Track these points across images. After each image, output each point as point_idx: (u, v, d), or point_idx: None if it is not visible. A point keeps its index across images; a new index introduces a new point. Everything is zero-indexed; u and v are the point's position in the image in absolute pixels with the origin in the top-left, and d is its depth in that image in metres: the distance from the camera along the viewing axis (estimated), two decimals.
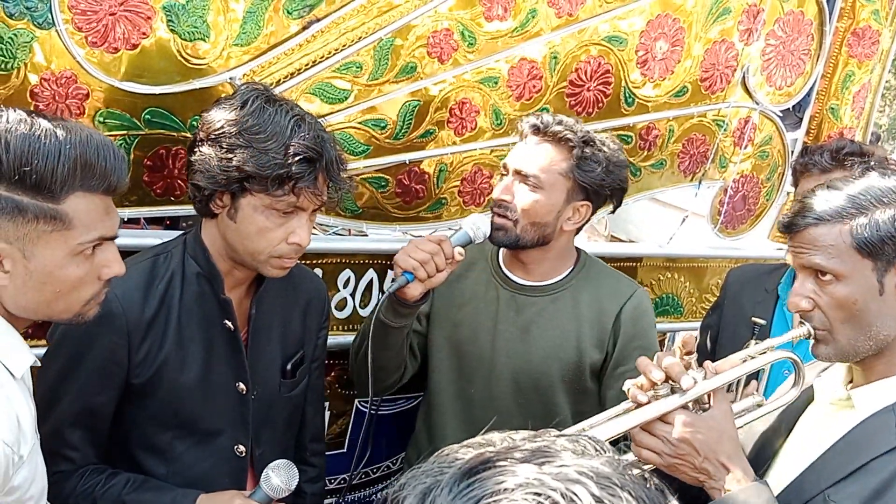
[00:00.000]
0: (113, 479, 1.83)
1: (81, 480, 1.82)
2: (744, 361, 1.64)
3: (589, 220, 2.36)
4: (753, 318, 2.37)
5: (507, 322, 2.33)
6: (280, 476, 1.81)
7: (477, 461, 0.69)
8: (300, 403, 2.14)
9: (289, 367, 2.05)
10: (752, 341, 2.33)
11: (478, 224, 2.21)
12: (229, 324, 1.89)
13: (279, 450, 2.07)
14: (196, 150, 1.79)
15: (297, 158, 1.72)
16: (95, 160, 1.42)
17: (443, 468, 0.69)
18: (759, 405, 1.69)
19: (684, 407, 1.55)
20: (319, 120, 1.85)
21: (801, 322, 1.59)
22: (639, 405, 1.56)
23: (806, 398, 1.69)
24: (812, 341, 1.58)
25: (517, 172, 2.24)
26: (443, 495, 0.67)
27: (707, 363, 1.60)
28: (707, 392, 1.56)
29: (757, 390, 2.37)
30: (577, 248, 2.46)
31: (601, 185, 2.25)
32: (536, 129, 2.25)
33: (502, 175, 2.31)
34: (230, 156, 1.72)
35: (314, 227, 2.83)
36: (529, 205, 2.21)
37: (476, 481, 0.67)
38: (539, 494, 0.65)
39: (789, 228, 1.58)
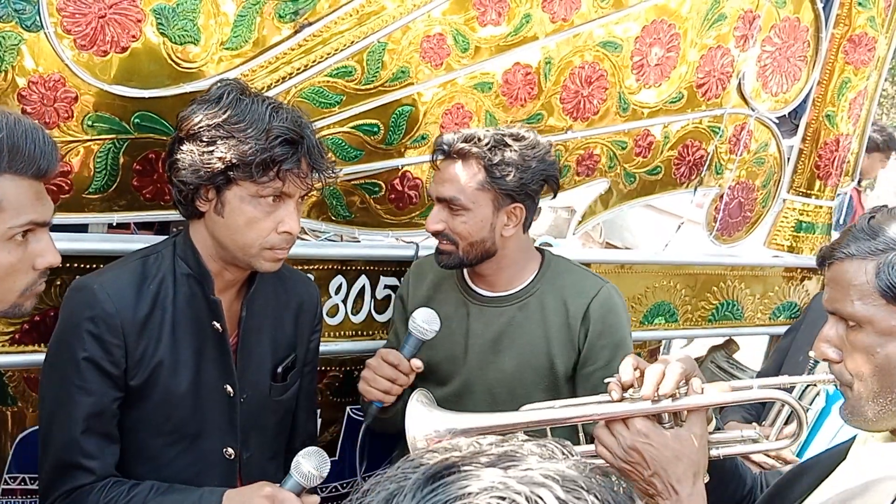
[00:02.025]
0: (136, 489, 1.79)
1: (103, 494, 1.77)
2: (734, 390, 1.55)
3: (532, 216, 2.31)
4: (811, 353, 2.28)
5: (477, 336, 2.30)
6: (311, 462, 1.76)
7: (441, 466, 0.67)
8: (291, 408, 2.12)
9: (279, 370, 2.04)
10: (806, 374, 2.26)
11: (426, 322, 2.14)
12: (217, 325, 1.88)
13: (268, 454, 2.06)
14: (177, 149, 1.79)
15: (278, 141, 1.73)
16: (23, 143, 1.42)
17: (407, 473, 0.68)
18: (755, 441, 1.61)
19: (657, 417, 1.49)
20: (312, 123, 1.85)
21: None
22: (611, 401, 1.52)
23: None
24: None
25: (440, 200, 2.21)
26: (406, 500, 0.65)
27: (694, 381, 1.51)
28: (686, 409, 1.49)
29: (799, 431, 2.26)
30: (539, 249, 2.42)
31: (522, 185, 2.19)
32: (443, 151, 2.22)
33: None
34: (211, 148, 1.73)
35: (306, 234, 2.83)
36: (460, 228, 2.19)
37: (440, 486, 0.65)
38: (503, 498, 0.64)
39: (820, 262, 1.45)
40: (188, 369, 1.86)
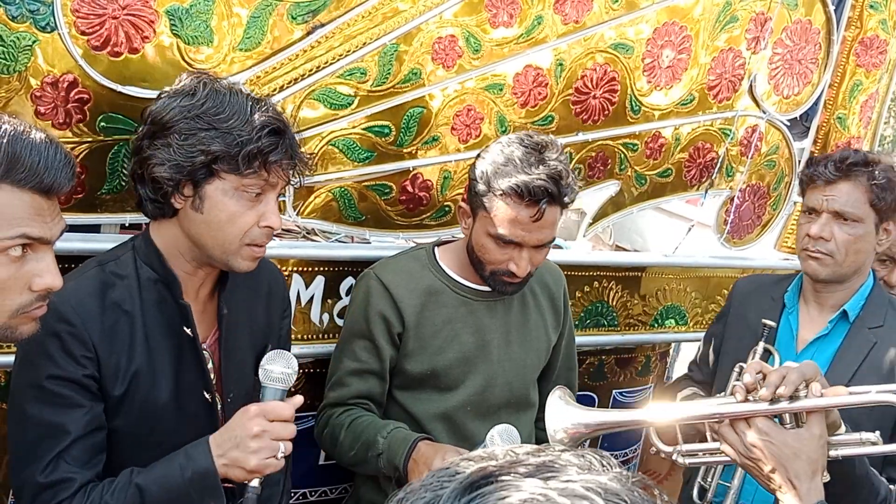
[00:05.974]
0: (115, 481, 1.69)
1: (85, 499, 1.67)
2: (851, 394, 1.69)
3: None
4: (764, 321, 2.32)
5: (492, 331, 2.28)
6: (277, 364, 1.74)
7: (479, 475, 0.66)
8: None
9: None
10: (761, 344, 2.28)
11: (509, 441, 2.02)
12: (188, 331, 1.79)
13: None
14: (149, 145, 1.70)
15: (265, 131, 1.67)
16: (26, 154, 1.33)
17: (443, 482, 0.67)
18: (874, 443, 1.72)
19: (778, 417, 1.63)
20: (324, 125, 1.80)
21: None
22: (734, 402, 1.67)
23: None
24: None
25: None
26: None
27: (814, 385, 1.62)
28: (805, 410, 1.63)
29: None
30: None
31: None
32: None
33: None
34: (192, 140, 1.65)
35: (317, 235, 2.82)
36: None
37: (478, 496, 0.64)
38: None
39: None
40: (167, 378, 1.77)
